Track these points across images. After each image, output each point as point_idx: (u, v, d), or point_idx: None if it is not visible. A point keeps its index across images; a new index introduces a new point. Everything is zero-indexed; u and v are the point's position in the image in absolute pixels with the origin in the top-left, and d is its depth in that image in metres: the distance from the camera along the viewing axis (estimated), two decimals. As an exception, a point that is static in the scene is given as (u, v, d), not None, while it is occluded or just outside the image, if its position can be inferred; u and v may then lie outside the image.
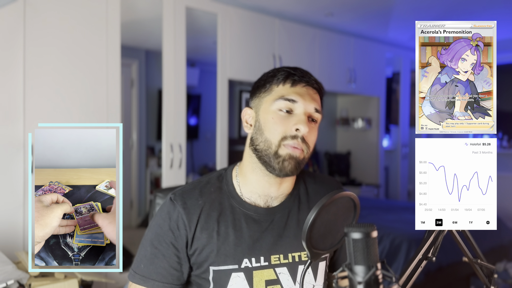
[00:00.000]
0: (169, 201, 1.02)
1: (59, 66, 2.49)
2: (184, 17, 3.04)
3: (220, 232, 0.99)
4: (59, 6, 2.49)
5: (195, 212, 1.00)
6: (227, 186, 1.05)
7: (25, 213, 2.37)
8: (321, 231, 0.73)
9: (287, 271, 1.01)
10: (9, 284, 1.68)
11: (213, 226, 1.00)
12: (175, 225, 0.99)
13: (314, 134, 1.00)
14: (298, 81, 0.99)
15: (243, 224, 1.01)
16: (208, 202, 1.02)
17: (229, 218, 1.01)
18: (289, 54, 3.80)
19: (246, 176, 1.04)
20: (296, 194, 1.08)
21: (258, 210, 1.02)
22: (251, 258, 0.99)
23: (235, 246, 0.99)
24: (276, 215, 1.03)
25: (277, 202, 1.04)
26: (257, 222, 1.01)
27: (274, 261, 1.00)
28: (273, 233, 1.01)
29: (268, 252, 1.00)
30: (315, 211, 0.70)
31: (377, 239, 0.62)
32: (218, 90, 3.30)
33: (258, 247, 1.00)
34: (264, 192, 1.03)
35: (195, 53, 4.15)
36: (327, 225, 0.73)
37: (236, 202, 1.03)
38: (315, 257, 0.74)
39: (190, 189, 1.04)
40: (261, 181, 1.02)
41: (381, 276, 0.61)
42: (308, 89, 1.00)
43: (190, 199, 1.02)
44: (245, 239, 0.99)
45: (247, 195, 1.03)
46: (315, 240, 0.73)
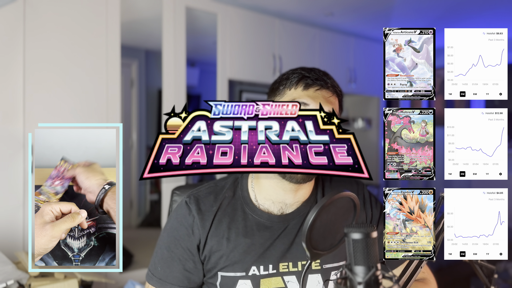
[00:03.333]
0: (184, 204, 1.02)
1: (59, 66, 2.49)
2: (184, 17, 3.04)
3: (230, 239, 0.99)
4: (59, 6, 2.49)
5: (209, 218, 1.00)
6: (241, 191, 1.04)
7: (25, 213, 2.37)
8: (321, 231, 0.73)
9: (295, 280, 0.99)
10: (9, 284, 1.68)
11: (223, 233, 0.99)
12: (191, 230, 1.00)
13: None
14: (311, 84, 0.97)
15: (255, 232, 0.99)
16: (221, 208, 1.01)
17: (240, 225, 1.00)
18: (289, 54, 3.80)
19: (261, 183, 1.02)
20: (313, 200, 1.05)
21: (271, 218, 1.00)
22: (259, 266, 0.98)
23: (244, 253, 0.98)
24: (290, 222, 1.01)
25: (292, 209, 1.02)
26: (270, 230, 1.00)
27: (283, 268, 0.99)
28: (285, 241, 1.00)
29: (277, 260, 0.99)
30: (315, 211, 0.70)
31: (377, 240, 0.62)
32: (218, 90, 3.30)
33: (268, 255, 0.98)
34: (279, 199, 1.01)
35: (195, 53, 4.15)
36: (327, 226, 0.73)
37: (249, 209, 1.02)
38: (315, 257, 0.74)
39: (205, 194, 1.04)
40: (275, 187, 1.00)
41: (381, 277, 0.61)
42: (322, 92, 0.97)
43: (204, 204, 1.01)
44: (256, 246, 0.98)
45: (262, 201, 1.02)
46: (315, 241, 0.73)
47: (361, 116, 5.06)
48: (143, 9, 3.29)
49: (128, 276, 2.77)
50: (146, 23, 3.53)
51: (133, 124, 4.50)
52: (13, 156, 2.35)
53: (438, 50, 0.84)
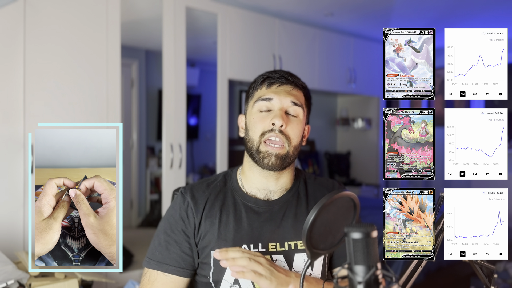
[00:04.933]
0: (179, 194, 1.13)
1: (59, 66, 2.49)
2: (184, 17, 3.04)
3: (221, 220, 1.07)
4: (59, 6, 2.49)
5: (202, 202, 1.10)
6: (231, 182, 1.15)
7: (25, 213, 2.37)
8: (321, 231, 0.73)
9: (283, 258, 1.06)
10: (9, 284, 1.68)
11: (216, 214, 1.08)
12: (185, 213, 1.08)
13: (296, 126, 1.06)
14: (273, 82, 1.08)
15: (243, 214, 1.09)
16: (213, 194, 1.12)
17: (231, 208, 1.09)
18: (289, 54, 3.80)
19: (246, 174, 1.13)
20: (295, 190, 1.15)
21: (258, 202, 1.10)
22: (249, 244, 1.06)
23: (235, 232, 1.06)
24: (275, 207, 1.10)
25: (276, 196, 1.12)
26: (257, 213, 1.09)
27: (271, 248, 1.06)
28: (271, 223, 1.08)
29: (266, 240, 1.06)
30: (315, 211, 0.70)
31: (377, 239, 0.62)
32: (218, 90, 3.30)
33: (256, 235, 1.07)
34: (263, 186, 1.11)
35: (195, 53, 4.15)
36: (327, 225, 0.73)
37: (238, 195, 1.12)
38: (315, 256, 0.74)
39: (198, 183, 1.15)
40: (258, 176, 1.10)
41: (381, 276, 0.61)
42: (284, 87, 1.08)
43: (197, 191, 1.12)
44: (245, 227, 1.07)
45: (249, 189, 1.12)
46: (315, 240, 0.73)
47: (361, 116, 5.06)
48: (143, 9, 3.30)
49: (128, 276, 2.77)
50: (146, 23, 3.53)
51: (133, 124, 4.50)
52: (13, 156, 2.35)
53: (438, 50, 0.84)
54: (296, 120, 1.06)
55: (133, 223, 4.48)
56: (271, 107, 1.06)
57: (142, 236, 4.01)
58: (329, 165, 5.10)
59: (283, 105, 1.05)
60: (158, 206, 4.29)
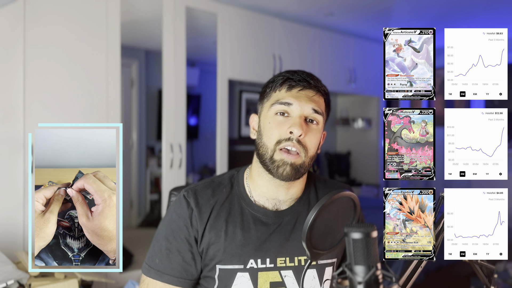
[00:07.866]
0: (182, 197, 1.04)
1: (59, 66, 2.49)
2: (184, 17, 3.04)
3: (228, 232, 1.00)
4: (59, 6, 2.49)
5: (206, 210, 1.02)
6: (238, 187, 1.07)
7: (25, 213, 2.37)
8: (321, 231, 0.73)
9: (292, 274, 1.01)
10: (9, 284, 1.68)
11: (221, 226, 1.01)
12: (189, 221, 1.01)
13: (314, 136, 0.99)
14: (294, 85, 1.00)
15: (251, 225, 1.02)
16: (218, 202, 1.04)
17: (237, 219, 1.02)
18: (289, 54, 3.80)
19: (254, 180, 1.05)
20: (305, 199, 1.08)
21: (267, 213, 1.03)
22: (257, 259, 1.00)
23: (242, 246, 1.00)
24: (285, 218, 1.04)
25: (285, 206, 1.05)
26: (265, 224, 1.02)
27: (280, 263, 1.01)
28: (280, 236, 1.02)
29: (274, 254, 1.01)
30: (315, 211, 0.70)
31: (377, 239, 0.62)
32: (218, 90, 3.30)
33: (264, 249, 1.00)
34: (272, 196, 1.03)
35: (195, 53, 4.15)
36: (327, 225, 0.73)
37: (246, 204, 1.04)
38: (315, 257, 0.74)
39: (203, 188, 1.06)
40: (267, 185, 1.03)
41: (381, 276, 0.61)
42: (305, 92, 1.00)
43: (202, 198, 1.03)
44: (252, 240, 1.00)
45: (257, 197, 1.05)
46: (315, 240, 0.73)
47: (361, 116, 5.05)
48: (143, 9, 3.29)
49: (128, 276, 2.77)
50: (146, 23, 3.53)
51: (133, 124, 4.50)
52: (13, 156, 2.35)
53: (438, 50, 0.84)
54: (315, 128, 0.99)
55: (133, 223, 4.48)
56: (290, 113, 0.98)
57: (142, 236, 4.01)
58: (329, 165, 5.10)
59: (303, 112, 0.97)
60: (158, 206, 4.29)
